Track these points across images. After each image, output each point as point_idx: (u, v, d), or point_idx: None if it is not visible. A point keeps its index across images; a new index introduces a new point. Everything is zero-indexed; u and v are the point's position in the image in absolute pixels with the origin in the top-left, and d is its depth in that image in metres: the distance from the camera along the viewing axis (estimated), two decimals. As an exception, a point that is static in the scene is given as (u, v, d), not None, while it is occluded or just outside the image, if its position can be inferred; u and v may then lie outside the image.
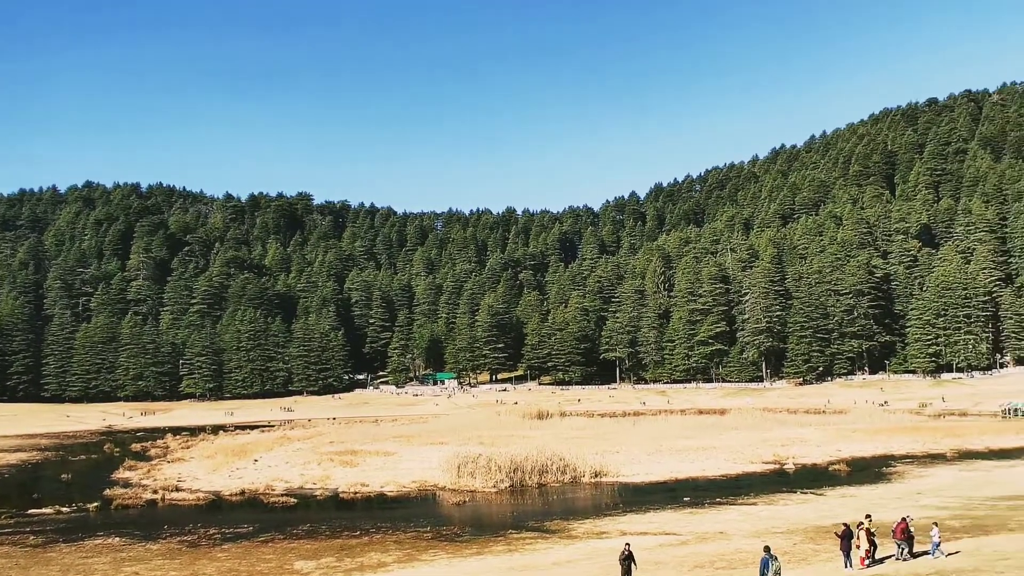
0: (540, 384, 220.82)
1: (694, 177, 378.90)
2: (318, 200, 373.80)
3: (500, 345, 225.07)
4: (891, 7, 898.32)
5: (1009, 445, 79.39)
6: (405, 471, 66.44)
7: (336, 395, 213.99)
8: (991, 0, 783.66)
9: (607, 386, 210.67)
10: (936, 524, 31.06)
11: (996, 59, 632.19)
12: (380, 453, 76.97)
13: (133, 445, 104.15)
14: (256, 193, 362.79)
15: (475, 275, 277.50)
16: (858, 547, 29.64)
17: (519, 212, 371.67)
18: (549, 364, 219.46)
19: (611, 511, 50.48)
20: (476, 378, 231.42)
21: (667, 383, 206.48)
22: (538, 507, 54.20)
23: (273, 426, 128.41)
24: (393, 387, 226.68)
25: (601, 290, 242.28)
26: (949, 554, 29.87)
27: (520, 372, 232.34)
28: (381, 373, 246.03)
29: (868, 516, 31.58)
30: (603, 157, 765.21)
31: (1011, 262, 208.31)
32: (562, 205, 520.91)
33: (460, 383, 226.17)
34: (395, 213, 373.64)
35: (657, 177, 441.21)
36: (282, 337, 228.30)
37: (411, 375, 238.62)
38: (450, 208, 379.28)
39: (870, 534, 29.99)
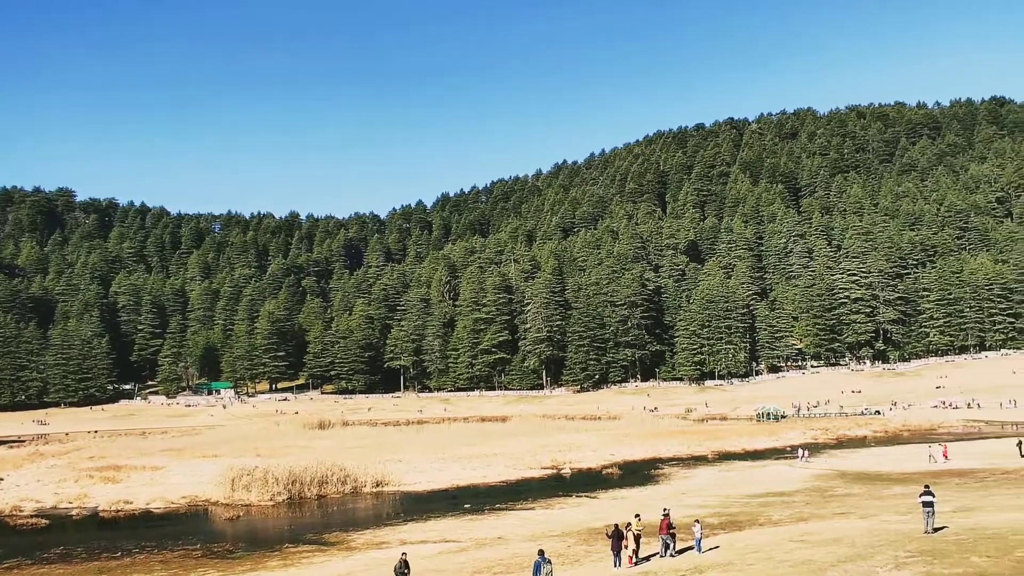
0: (323, 393, 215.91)
1: (480, 188, 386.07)
2: (81, 197, 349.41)
3: (281, 353, 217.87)
4: (658, 38, 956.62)
5: (761, 447, 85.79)
6: (174, 486, 62.41)
7: (99, 406, 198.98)
8: (750, 35, 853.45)
9: (391, 395, 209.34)
10: (698, 521, 32.67)
11: (755, 90, 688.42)
12: (147, 468, 71.99)
13: None
14: (9, 187, 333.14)
15: (255, 280, 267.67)
16: (626, 547, 30.61)
17: (303, 217, 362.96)
18: (332, 373, 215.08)
19: (392, 520, 49.69)
20: (255, 388, 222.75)
21: (451, 391, 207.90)
22: (317, 519, 52.58)
23: (24, 441, 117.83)
24: (164, 397, 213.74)
25: (386, 298, 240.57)
26: (707, 549, 31.50)
27: (302, 381, 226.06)
28: (151, 383, 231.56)
29: (637, 516, 32.71)
30: (391, 165, 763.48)
31: (766, 278, 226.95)
32: (348, 211, 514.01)
33: (237, 393, 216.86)
34: (168, 213, 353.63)
35: (444, 187, 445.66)
36: (37, 344, 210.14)
37: (184, 385, 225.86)
38: (229, 210, 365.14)
39: (636, 535, 31.10)
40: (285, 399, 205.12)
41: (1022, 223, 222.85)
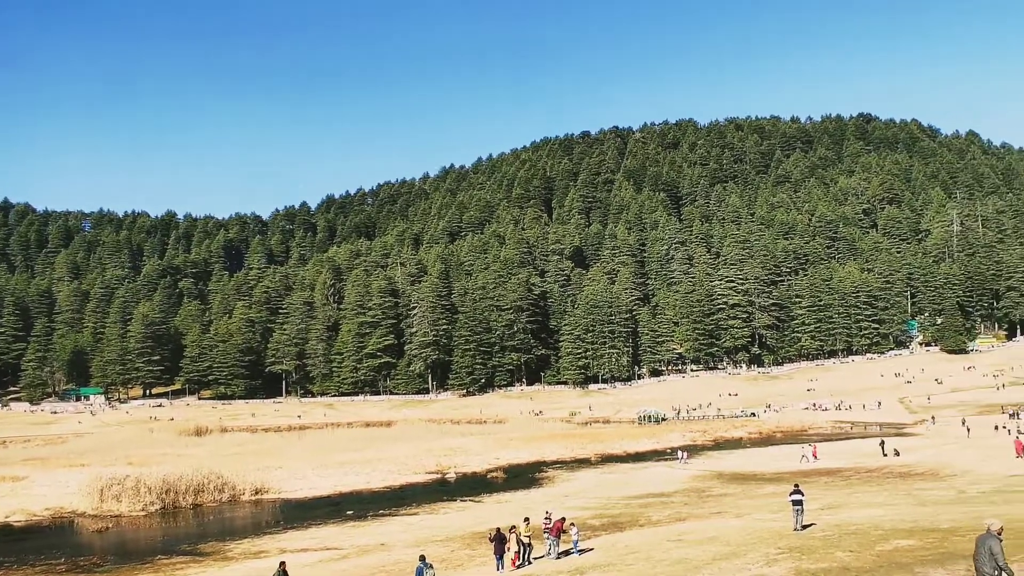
0: (200, 399, 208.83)
1: (367, 190, 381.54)
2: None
3: (156, 357, 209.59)
4: (542, 48, 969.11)
5: (643, 449, 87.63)
6: (37, 497, 59.24)
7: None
8: (635, 46, 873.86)
9: (273, 400, 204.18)
10: (574, 524, 33.05)
11: (640, 100, 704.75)
12: (7, 479, 68.15)
13: None
14: None
15: (129, 282, 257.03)
16: (509, 549, 30.73)
17: (180, 216, 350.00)
18: (211, 377, 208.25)
19: (272, 529, 48.52)
20: (128, 393, 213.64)
21: (335, 396, 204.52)
22: (193, 529, 50.88)
23: None
24: (27, 404, 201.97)
25: (268, 301, 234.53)
26: (586, 551, 31.91)
27: (178, 386, 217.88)
28: (12, 389, 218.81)
29: (526, 520, 32.92)
30: (275, 165, 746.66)
31: (648, 283, 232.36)
32: (228, 211, 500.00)
33: (108, 399, 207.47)
34: (34, 210, 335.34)
35: (330, 188, 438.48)
36: None
37: (50, 391, 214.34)
38: (101, 208, 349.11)
39: (526, 538, 31.25)
40: (160, 405, 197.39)
41: (886, 234, 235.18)
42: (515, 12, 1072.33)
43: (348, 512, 52.99)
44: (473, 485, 64.97)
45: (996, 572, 14.20)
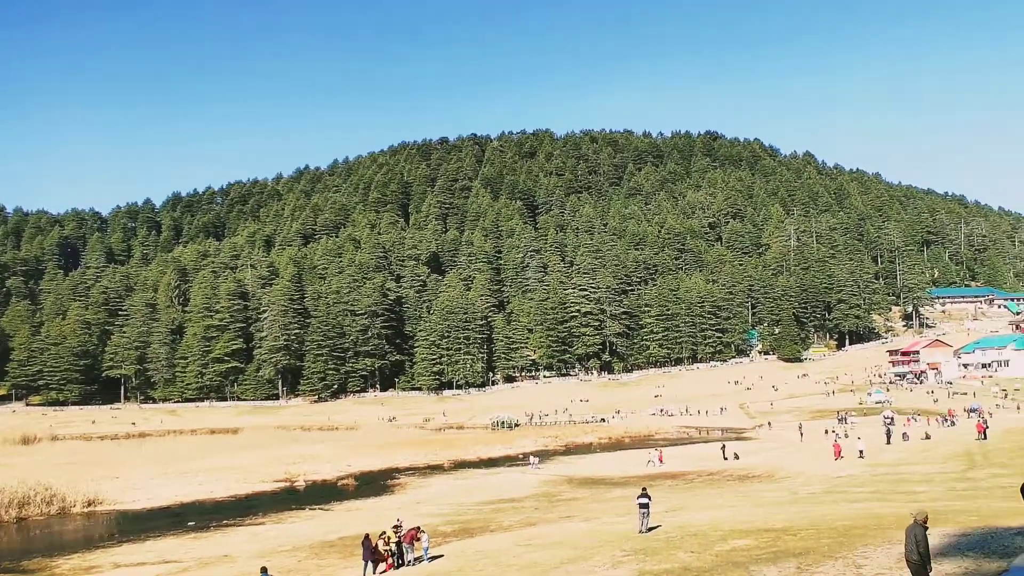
0: (29, 405, 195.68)
1: (216, 189, 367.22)
2: None
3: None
4: (402, 51, 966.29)
5: (496, 454, 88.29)
6: None
7: None
8: (493, 55, 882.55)
9: (111, 406, 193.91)
10: (424, 531, 32.92)
11: (498, 109, 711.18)
12: None
13: None
14: None
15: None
16: (377, 551, 30.60)
17: (9, 210, 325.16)
18: (41, 382, 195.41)
19: (106, 542, 45.90)
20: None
21: (179, 402, 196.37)
22: (16, 545, 47.52)
23: None
24: None
25: (107, 302, 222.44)
26: (437, 557, 31.90)
27: (3, 392, 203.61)
28: None
29: (397, 527, 32.72)
30: (116, 160, 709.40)
31: (503, 291, 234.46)
32: (64, 206, 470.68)
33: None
34: None
35: (176, 186, 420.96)
36: None
37: None
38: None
39: (395, 543, 31.24)
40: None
41: (730, 247, 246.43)
42: (373, 16, 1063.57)
43: (190, 523, 50.87)
44: (323, 493, 63.69)
45: (916, 558, 15.42)
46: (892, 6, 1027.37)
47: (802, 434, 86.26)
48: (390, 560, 31.35)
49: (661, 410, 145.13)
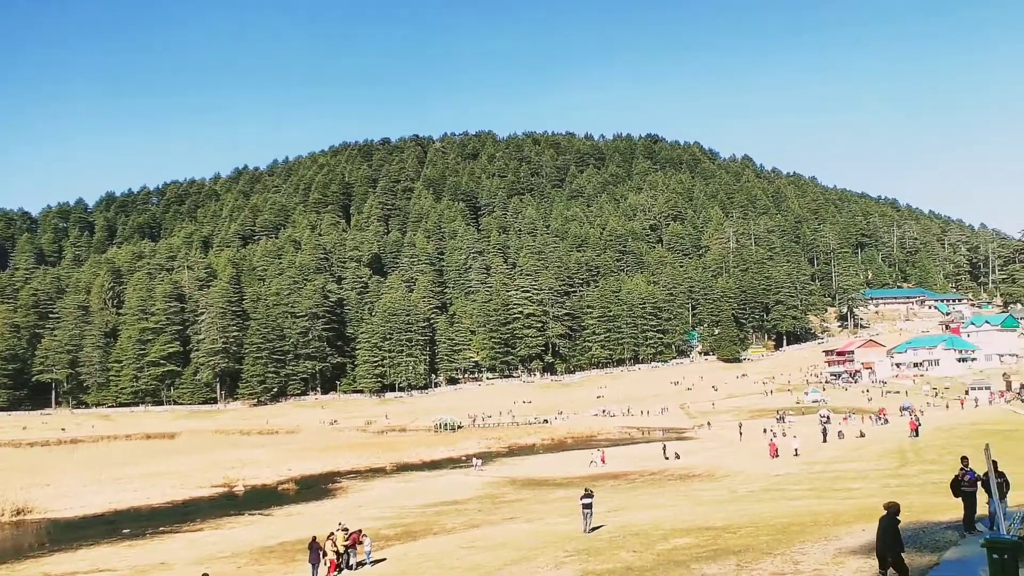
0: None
1: (152, 189, 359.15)
2: None
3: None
4: (342, 49, 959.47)
5: (438, 456, 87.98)
6: None
7: None
8: (436, 56, 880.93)
9: (40, 411, 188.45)
10: (367, 535, 32.69)
11: (440, 110, 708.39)
12: None
13: None
14: None
15: None
16: (325, 554, 30.41)
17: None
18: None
19: (36, 552, 44.61)
20: None
21: (113, 407, 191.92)
22: (-62, 556, 45.83)
23: None
24: None
25: (37, 304, 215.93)
26: (380, 561, 31.75)
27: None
28: None
29: (345, 529, 32.36)
30: (47, 160, 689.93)
31: (446, 292, 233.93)
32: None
33: None
34: None
35: (109, 185, 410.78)
36: None
37: None
38: None
39: (342, 547, 31.07)
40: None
41: (671, 249, 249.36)
42: (314, 12, 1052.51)
43: (125, 530, 49.66)
44: (263, 498, 62.73)
45: (889, 548, 16.24)
46: (829, 8, 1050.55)
47: (741, 433, 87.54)
48: (333, 563, 31.07)
49: (603, 411, 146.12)
